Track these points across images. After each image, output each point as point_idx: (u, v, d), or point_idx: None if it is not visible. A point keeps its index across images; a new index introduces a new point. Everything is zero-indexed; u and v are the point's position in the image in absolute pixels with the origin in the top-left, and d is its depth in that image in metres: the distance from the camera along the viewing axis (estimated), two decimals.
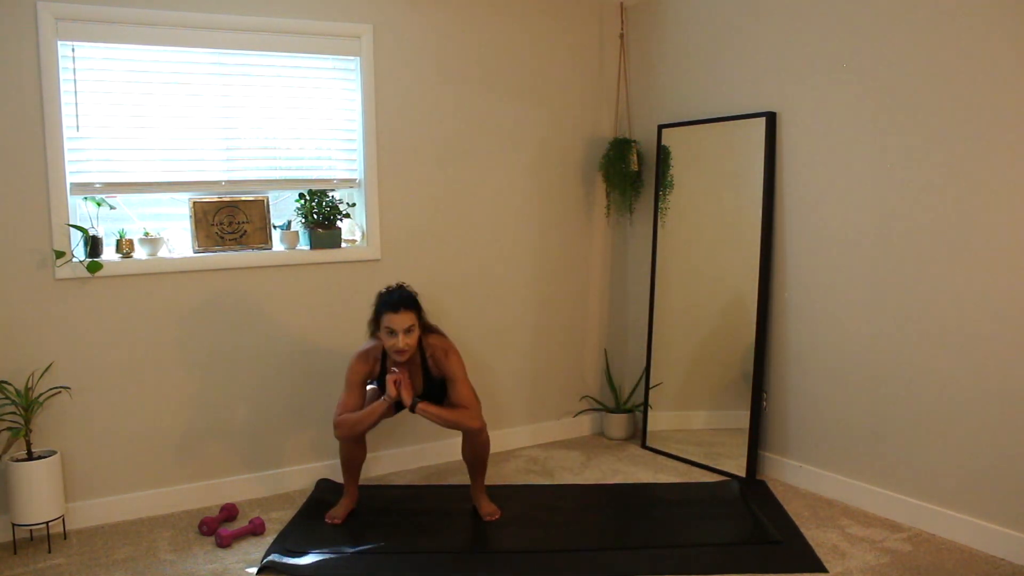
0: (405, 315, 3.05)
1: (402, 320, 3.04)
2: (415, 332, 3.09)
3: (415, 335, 3.09)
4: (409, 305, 3.09)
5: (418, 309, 3.14)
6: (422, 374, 3.21)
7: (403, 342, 3.04)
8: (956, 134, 2.92)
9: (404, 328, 3.04)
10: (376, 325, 3.15)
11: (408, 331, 3.05)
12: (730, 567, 2.81)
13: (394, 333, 3.04)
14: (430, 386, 3.23)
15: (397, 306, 3.06)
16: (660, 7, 4.18)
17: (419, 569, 2.84)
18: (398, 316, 3.04)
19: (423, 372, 3.21)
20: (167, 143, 3.41)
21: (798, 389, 3.58)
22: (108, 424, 3.32)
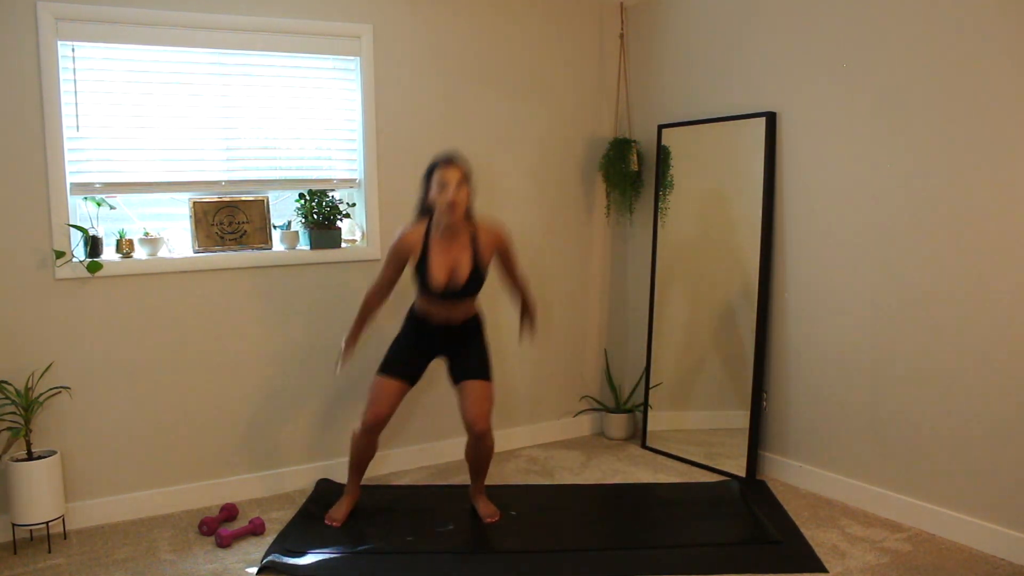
0: (457, 170, 3.00)
1: (453, 174, 2.98)
2: (466, 192, 3.01)
3: (466, 195, 3.01)
4: (459, 164, 3.03)
5: (468, 174, 3.05)
6: (471, 256, 3.08)
7: (453, 194, 2.96)
8: (956, 133, 2.92)
9: (456, 180, 2.97)
10: (426, 190, 3.07)
11: (460, 184, 2.98)
12: (730, 567, 2.81)
13: (445, 185, 2.96)
14: (477, 271, 3.09)
15: (450, 160, 3.02)
16: (660, 7, 4.18)
17: (419, 569, 2.84)
18: (451, 169, 2.99)
19: (472, 254, 3.08)
20: (167, 143, 3.41)
21: (798, 389, 3.58)
22: (108, 424, 3.33)
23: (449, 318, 3.17)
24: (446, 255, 3.05)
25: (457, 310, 3.16)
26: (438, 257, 3.05)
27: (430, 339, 3.22)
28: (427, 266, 3.05)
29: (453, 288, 3.06)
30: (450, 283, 3.05)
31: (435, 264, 3.04)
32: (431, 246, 3.06)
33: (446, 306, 3.13)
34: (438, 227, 3.05)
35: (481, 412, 3.12)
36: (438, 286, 3.05)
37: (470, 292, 3.11)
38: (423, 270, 3.06)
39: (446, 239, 3.06)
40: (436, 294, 3.08)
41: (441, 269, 3.04)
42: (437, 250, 3.05)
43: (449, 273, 3.05)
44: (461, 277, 3.06)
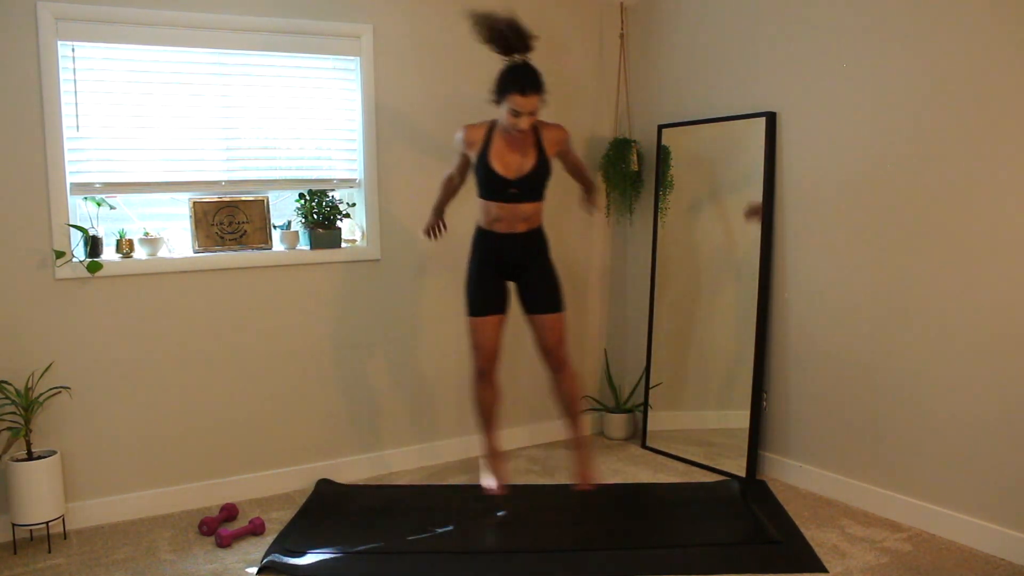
0: (533, 98, 3.00)
1: (529, 103, 2.99)
2: (537, 114, 3.05)
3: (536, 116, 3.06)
4: (540, 88, 3.03)
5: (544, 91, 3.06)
6: (535, 153, 3.11)
7: (526, 123, 3.01)
8: (956, 133, 2.92)
9: (529, 111, 3.00)
10: (498, 98, 3.07)
11: (532, 114, 3.01)
12: (730, 567, 2.81)
13: (519, 115, 3.00)
14: (541, 164, 3.13)
15: (526, 90, 2.99)
16: (660, 7, 4.18)
17: (419, 569, 2.84)
18: (526, 99, 2.99)
19: (536, 151, 3.12)
20: (167, 143, 3.41)
21: (798, 389, 3.58)
22: (108, 424, 3.33)
23: (513, 226, 3.17)
24: (508, 150, 3.10)
25: (520, 216, 3.16)
26: (501, 154, 3.10)
27: (497, 259, 3.23)
28: (488, 160, 3.08)
29: (517, 179, 3.08)
30: (514, 175, 3.08)
31: (495, 157, 3.09)
32: (493, 140, 3.10)
33: (509, 209, 3.13)
34: (502, 128, 3.09)
35: (557, 339, 3.17)
36: (503, 175, 3.07)
37: (534, 186, 3.13)
38: (484, 163, 3.10)
39: (509, 138, 3.10)
40: (499, 187, 3.09)
41: (502, 161, 3.09)
42: (500, 148, 3.10)
43: (513, 167, 3.09)
44: (525, 168, 3.09)
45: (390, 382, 3.90)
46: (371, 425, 3.87)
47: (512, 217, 3.15)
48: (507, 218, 3.15)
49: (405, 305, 3.91)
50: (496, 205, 3.13)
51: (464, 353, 4.03)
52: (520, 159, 3.09)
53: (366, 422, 3.86)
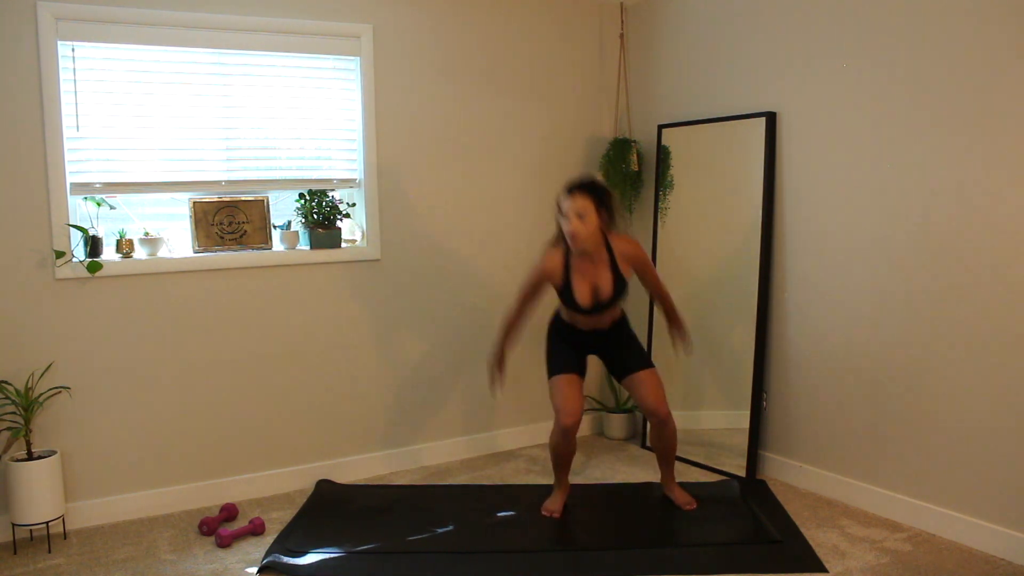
0: (580, 200, 3.00)
1: (575, 204, 2.99)
2: (591, 220, 3.01)
3: (591, 223, 3.01)
4: (587, 191, 3.03)
5: (601, 199, 3.05)
6: (611, 273, 3.11)
7: (574, 225, 2.98)
8: (957, 134, 2.92)
9: (576, 212, 2.99)
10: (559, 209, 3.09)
11: (580, 215, 2.99)
12: (730, 567, 2.81)
13: (566, 216, 3.01)
14: (619, 284, 3.14)
15: (573, 189, 3.03)
16: (660, 7, 4.18)
17: (419, 569, 2.84)
18: (572, 200, 3.00)
19: (612, 271, 3.12)
20: (167, 143, 3.41)
21: (798, 389, 3.58)
22: (108, 424, 3.32)
23: (596, 326, 3.25)
24: (587, 276, 3.11)
25: (604, 318, 3.23)
26: (580, 279, 3.11)
27: (581, 341, 3.30)
28: (571, 290, 3.11)
29: (599, 305, 3.13)
30: (595, 301, 3.12)
31: (578, 287, 3.11)
32: (572, 269, 3.11)
33: (593, 318, 3.21)
34: (574, 252, 3.10)
35: (659, 397, 3.20)
36: (585, 306, 3.12)
37: (614, 303, 3.18)
38: (568, 293, 3.13)
39: (585, 260, 3.10)
40: (583, 312, 3.15)
41: (585, 291, 3.11)
42: (578, 273, 3.11)
43: (593, 293, 3.11)
44: (604, 293, 3.12)
45: (390, 382, 3.90)
46: (371, 425, 3.87)
47: (596, 322, 3.24)
48: (591, 323, 3.24)
49: (405, 305, 3.91)
50: (580, 315, 3.21)
51: (464, 351, 4.04)
52: (597, 281, 3.11)
53: (366, 422, 3.86)
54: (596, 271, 3.11)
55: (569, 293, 3.12)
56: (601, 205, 3.05)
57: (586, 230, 3.01)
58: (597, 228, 3.05)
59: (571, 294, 3.12)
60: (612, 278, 3.12)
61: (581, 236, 3.01)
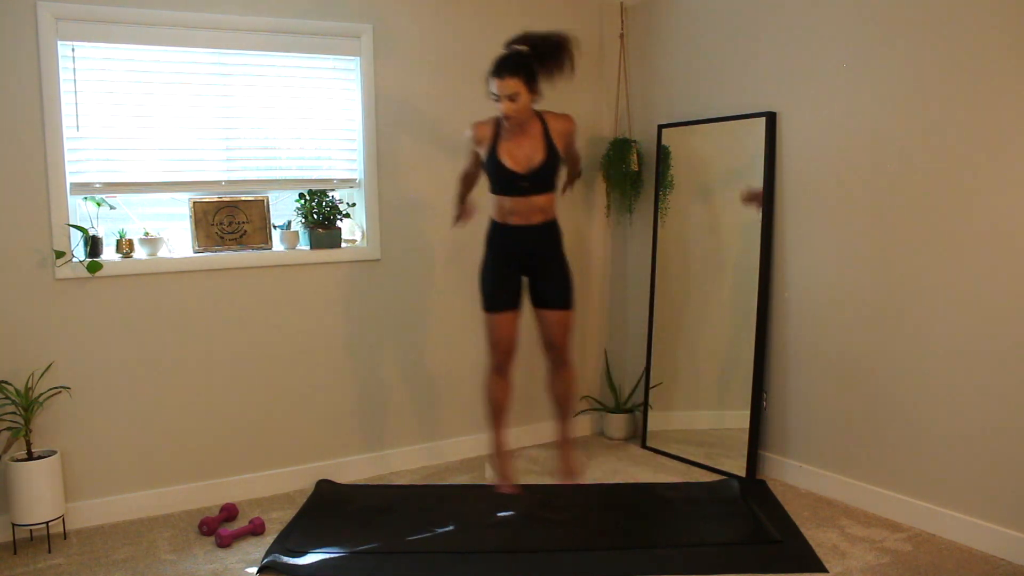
0: (510, 82, 3.01)
1: (506, 87, 3.01)
2: (522, 98, 3.04)
3: (523, 102, 3.05)
4: (516, 71, 3.04)
5: (530, 76, 3.06)
6: (544, 145, 3.13)
7: (506, 108, 3.03)
8: (956, 133, 2.93)
9: (507, 95, 3.02)
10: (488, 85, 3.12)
11: (512, 98, 3.02)
12: (730, 567, 2.81)
13: (499, 99, 3.03)
14: (551, 157, 3.15)
15: (501, 71, 3.03)
16: (660, 7, 4.18)
17: (419, 569, 2.84)
18: (502, 83, 3.02)
19: (545, 144, 3.13)
20: (167, 143, 3.41)
21: (798, 389, 3.58)
22: (108, 424, 3.33)
23: (528, 218, 3.19)
24: (518, 145, 3.11)
25: (533, 208, 3.17)
26: (508, 148, 3.11)
27: (511, 252, 3.25)
28: (497, 155, 3.10)
29: (527, 173, 3.09)
30: (524, 169, 3.10)
31: (504, 152, 3.11)
32: (501, 136, 3.11)
33: (522, 202, 3.15)
34: (504, 125, 3.10)
35: (562, 334, 3.18)
36: (510, 170, 3.09)
37: (545, 179, 3.14)
38: (494, 161, 3.11)
39: (516, 133, 3.10)
40: (510, 182, 3.10)
41: (512, 157, 3.11)
42: (507, 143, 3.11)
43: (522, 161, 3.10)
44: (535, 161, 3.11)
45: (390, 382, 3.90)
46: (371, 425, 3.87)
47: (526, 210, 3.18)
48: (521, 211, 3.18)
49: (405, 305, 3.91)
50: (509, 199, 3.16)
51: (464, 351, 4.04)
52: (529, 152, 3.11)
53: (366, 422, 3.86)
54: (528, 142, 3.12)
55: (495, 158, 3.12)
56: (531, 80, 3.06)
57: (519, 108, 3.05)
58: (529, 103, 3.08)
59: (496, 159, 3.11)
60: (545, 150, 3.11)
61: (517, 113, 3.05)
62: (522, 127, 3.13)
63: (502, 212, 3.23)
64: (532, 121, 3.12)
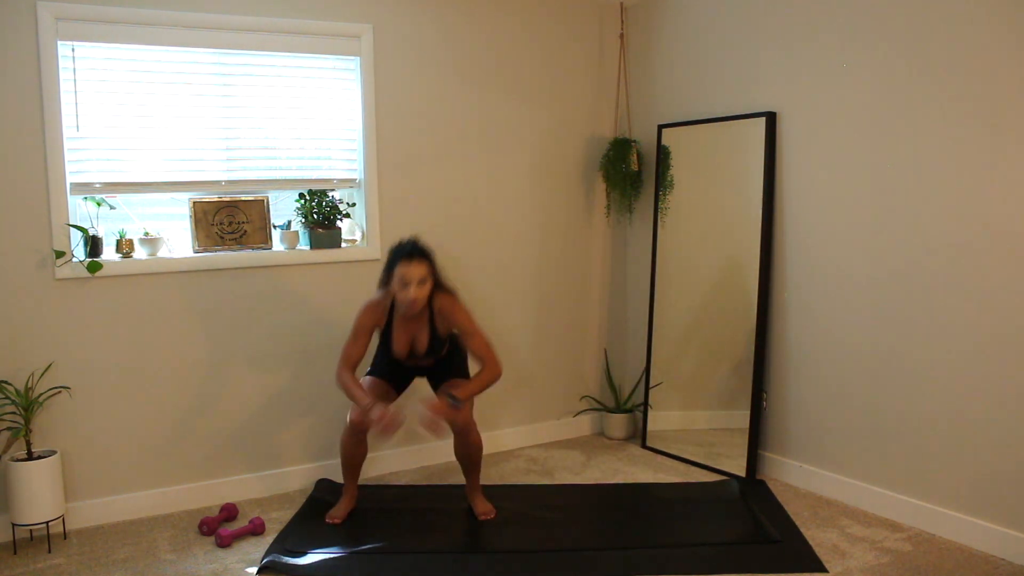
0: (419, 266, 3.04)
1: (415, 271, 3.02)
2: (428, 284, 3.07)
3: (427, 287, 3.07)
4: (424, 256, 3.08)
5: (432, 262, 3.11)
6: (428, 331, 3.18)
7: (414, 293, 3.02)
8: (956, 132, 2.92)
9: (418, 279, 3.03)
10: (388, 276, 3.12)
11: (421, 282, 3.04)
12: (730, 567, 2.81)
13: (407, 284, 3.02)
14: (435, 343, 3.20)
15: (412, 255, 3.05)
16: (660, 7, 4.18)
17: (419, 569, 2.84)
18: (412, 266, 3.03)
19: (430, 329, 3.17)
20: (167, 143, 3.41)
21: (798, 389, 3.58)
22: (108, 424, 3.33)
23: (418, 364, 3.33)
24: (406, 331, 3.20)
25: (425, 362, 3.32)
26: (400, 332, 3.20)
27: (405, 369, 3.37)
28: (391, 339, 3.21)
29: (414, 357, 3.24)
30: (411, 353, 3.23)
31: (397, 339, 3.20)
32: (394, 321, 3.19)
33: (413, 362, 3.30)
34: (399, 309, 3.14)
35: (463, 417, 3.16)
36: (400, 357, 3.23)
37: (431, 357, 3.27)
38: (387, 343, 3.24)
39: (406, 317, 3.17)
40: (398, 363, 3.28)
41: (401, 343, 3.21)
42: (399, 326, 3.19)
43: (409, 346, 3.21)
44: (420, 347, 3.21)
45: None
46: None
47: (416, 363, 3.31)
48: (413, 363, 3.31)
49: None
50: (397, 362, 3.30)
51: None
52: (415, 337, 3.20)
53: None
54: (415, 328, 3.18)
55: (389, 340, 3.21)
56: (432, 267, 3.12)
57: (425, 296, 3.08)
58: (428, 292, 3.10)
59: (389, 342, 3.21)
60: (429, 336, 3.19)
61: (421, 301, 3.08)
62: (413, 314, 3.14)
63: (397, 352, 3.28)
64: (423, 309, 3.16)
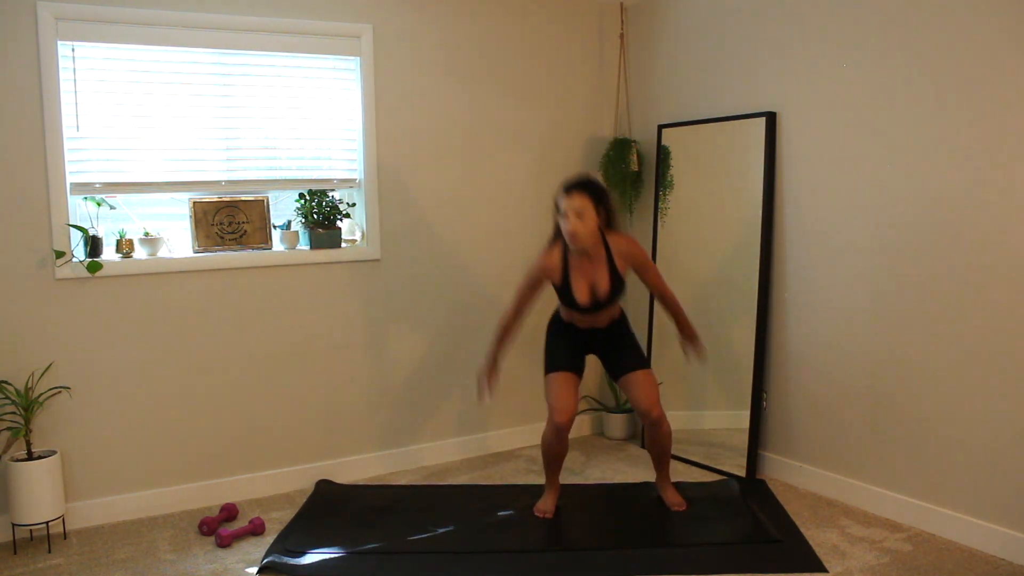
0: (578, 198, 2.99)
1: (573, 202, 2.99)
2: (589, 218, 3.01)
3: (590, 222, 3.01)
4: (585, 189, 3.03)
5: (599, 198, 3.05)
6: (608, 272, 3.11)
7: (572, 224, 2.98)
8: (956, 132, 2.92)
9: (575, 211, 2.98)
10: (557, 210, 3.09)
11: (579, 214, 2.99)
12: (730, 567, 2.81)
13: (566, 215, 3.00)
14: (616, 284, 3.13)
15: (571, 188, 3.03)
16: (660, 7, 4.18)
17: (419, 569, 2.84)
18: (570, 199, 3.00)
19: (609, 269, 3.11)
20: (167, 143, 3.41)
21: (798, 389, 3.58)
22: (108, 424, 3.33)
23: (594, 324, 3.25)
24: (585, 274, 3.11)
25: (602, 317, 3.23)
26: (578, 277, 3.11)
27: (579, 340, 3.30)
28: (570, 288, 3.12)
29: (596, 303, 3.13)
30: (592, 300, 3.12)
31: (577, 286, 3.11)
32: (571, 268, 3.11)
33: (591, 316, 3.21)
34: (572, 253, 3.10)
35: (652, 399, 3.19)
36: (583, 304, 3.13)
37: (612, 301, 3.18)
38: (566, 291, 3.14)
39: (583, 258, 3.10)
40: (581, 310, 3.16)
41: (583, 290, 3.11)
42: (576, 271, 3.11)
43: (591, 291, 3.11)
44: (602, 292, 3.12)
45: (389, 382, 3.90)
46: (371, 425, 3.87)
47: (593, 320, 3.24)
48: (589, 321, 3.24)
49: (405, 305, 3.91)
50: (578, 314, 3.22)
51: (464, 351, 4.04)
52: (595, 280, 3.12)
53: (366, 422, 3.86)
54: (594, 269, 3.11)
55: (568, 291, 3.13)
56: (599, 203, 3.06)
57: (585, 229, 3.01)
58: (595, 227, 3.05)
59: (569, 292, 3.12)
60: (609, 277, 3.11)
61: (580, 235, 3.01)
62: (588, 254, 3.09)
63: (569, 317, 3.27)
64: (598, 247, 3.10)
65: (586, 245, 3.05)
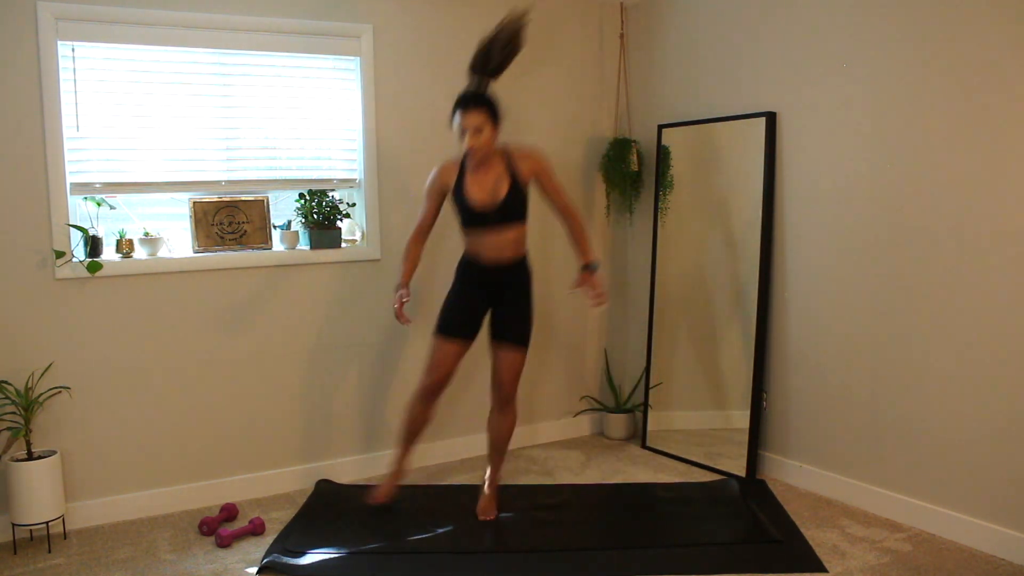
0: (475, 114, 2.99)
1: (471, 120, 2.98)
2: (486, 132, 3.01)
3: (487, 135, 3.01)
4: (480, 103, 3.02)
5: (493, 111, 3.05)
6: (508, 180, 3.08)
7: (470, 141, 2.99)
8: (956, 133, 2.93)
9: (473, 127, 2.98)
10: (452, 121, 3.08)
11: (477, 131, 2.99)
12: (730, 567, 2.82)
13: (464, 132, 3.00)
14: (516, 189, 3.09)
15: (467, 103, 3.01)
16: (660, 7, 4.18)
17: (419, 569, 2.84)
18: (466, 115, 2.99)
19: (510, 178, 3.08)
20: (167, 143, 3.41)
21: (798, 389, 3.58)
22: (108, 424, 3.33)
23: (499, 256, 3.14)
24: (482, 178, 3.07)
25: (505, 242, 3.12)
26: (474, 181, 3.08)
27: (480, 284, 3.20)
28: (463, 191, 3.07)
29: (493, 205, 3.05)
30: (490, 201, 3.05)
31: (471, 187, 3.07)
32: (467, 173, 3.09)
33: (493, 235, 3.10)
34: (470, 159, 3.07)
35: (511, 376, 3.16)
36: (477, 204, 3.05)
37: (512, 212, 3.10)
38: (461, 196, 3.08)
39: (481, 167, 3.08)
40: (478, 217, 3.07)
41: (478, 189, 3.06)
42: (472, 176, 3.08)
43: (487, 193, 3.06)
44: (500, 194, 3.05)
45: (390, 382, 3.90)
46: (371, 425, 3.87)
47: (497, 244, 3.12)
48: (492, 245, 3.12)
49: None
50: (479, 232, 3.12)
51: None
52: (493, 186, 3.07)
53: (366, 422, 3.86)
54: (494, 178, 3.07)
55: (462, 193, 3.08)
56: (494, 116, 3.04)
57: (482, 143, 3.01)
58: (492, 139, 3.04)
59: (464, 194, 3.07)
60: (509, 185, 3.07)
61: (480, 150, 3.01)
62: (486, 162, 3.09)
63: (473, 248, 3.19)
64: (495, 156, 3.10)
65: (483, 156, 3.04)
